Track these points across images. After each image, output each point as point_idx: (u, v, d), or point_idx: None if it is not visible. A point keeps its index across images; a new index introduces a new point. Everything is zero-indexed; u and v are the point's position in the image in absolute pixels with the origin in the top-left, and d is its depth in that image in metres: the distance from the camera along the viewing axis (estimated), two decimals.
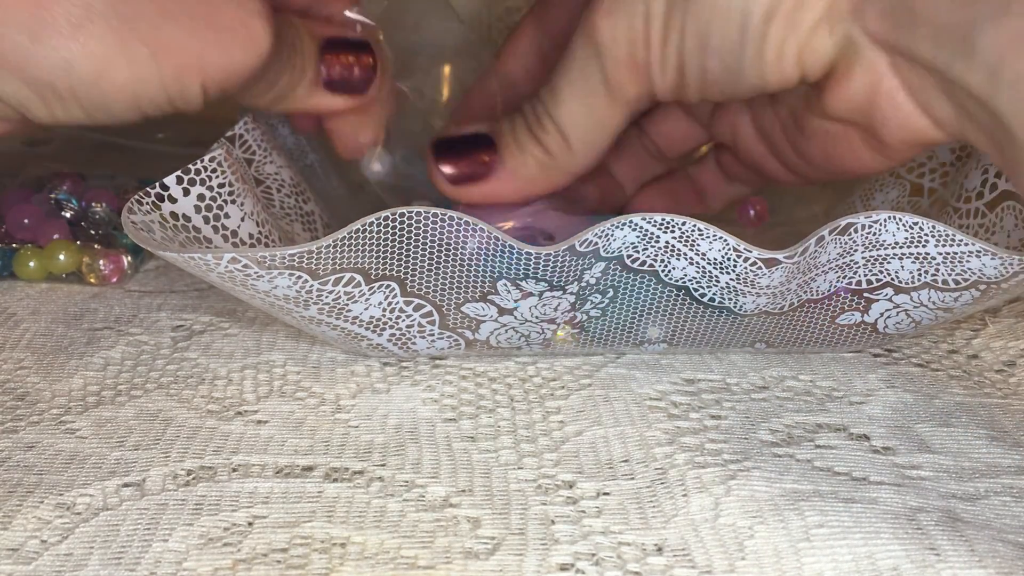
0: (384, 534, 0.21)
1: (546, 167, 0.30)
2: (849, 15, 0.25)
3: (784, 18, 0.25)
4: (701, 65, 0.27)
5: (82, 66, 0.24)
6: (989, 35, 0.22)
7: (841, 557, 0.21)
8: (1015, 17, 0.22)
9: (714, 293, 0.27)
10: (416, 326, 0.27)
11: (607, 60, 0.28)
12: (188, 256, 0.24)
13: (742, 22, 0.26)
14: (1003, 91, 0.22)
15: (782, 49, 0.26)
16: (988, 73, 0.22)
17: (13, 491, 0.23)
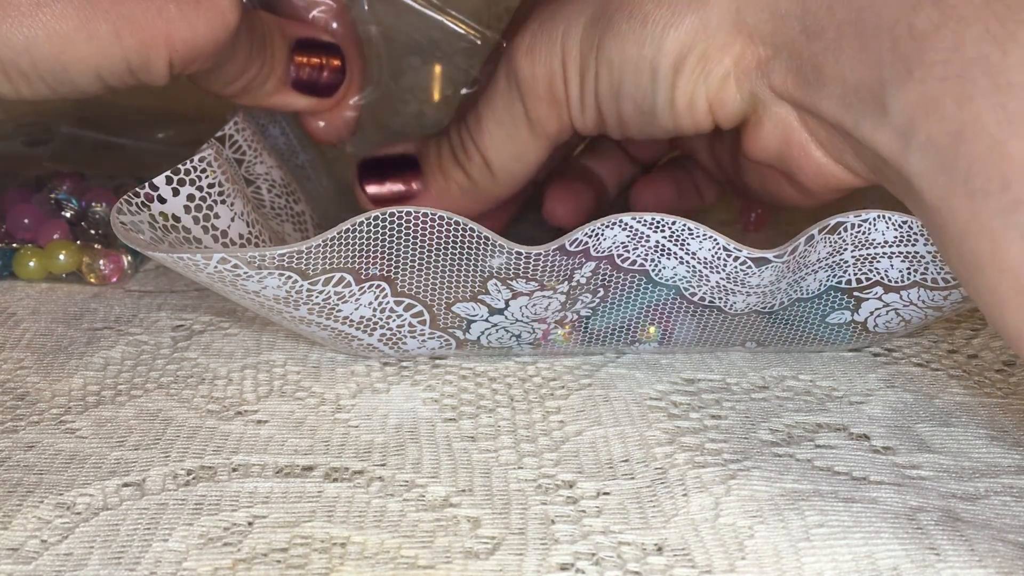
0: (384, 534, 0.21)
1: (468, 192, 0.31)
2: (755, 71, 0.25)
3: (692, 71, 0.26)
4: (617, 108, 0.28)
5: (44, 45, 0.25)
6: (898, 99, 0.22)
7: (841, 557, 0.21)
8: (917, 82, 0.21)
9: (704, 292, 0.27)
10: (407, 326, 0.27)
11: (527, 97, 0.29)
12: (177, 256, 0.24)
13: (652, 73, 0.26)
14: (912, 154, 0.22)
15: (692, 99, 0.26)
16: (898, 136, 0.22)
17: (13, 491, 0.23)
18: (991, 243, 0.20)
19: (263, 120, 0.37)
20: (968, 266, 0.21)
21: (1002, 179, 0.20)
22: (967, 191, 0.20)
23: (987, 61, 0.20)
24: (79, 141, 0.49)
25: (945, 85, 0.21)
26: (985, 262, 0.20)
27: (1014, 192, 0.20)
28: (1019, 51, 0.20)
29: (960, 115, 0.21)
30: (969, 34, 0.21)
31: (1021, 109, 0.20)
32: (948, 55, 0.21)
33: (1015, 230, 0.20)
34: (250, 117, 0.34)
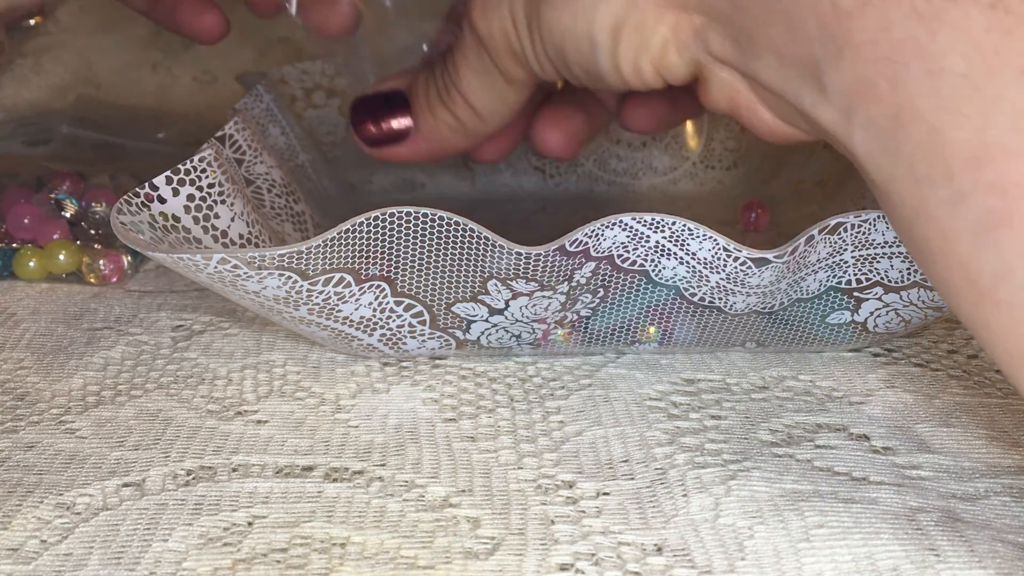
0: (384, 534, 0.21)
1: (457, 131, 0.31)
2: (693, 39, 0.25)
3: (630, 40, 0.26)
4: (568, 68, 0.27)
5: None
6: (833, 79, 0.21)
7: (841, 557, 0.21)
8: (849, 63, 0.20)
9: (704, 293, 0.27)
10: (407, 326, 0.27)
11: (491, 51, 0.29)
12: (177, 256, 0.24)
13: (590, 43, 0.26)
14: (856, 134, 0.21)
15: (636, 65, 0.26)
16: (840, 114, 0.21)
17: (13, 491, 0.23)
18: (940, 235, 0.20)
19: (263, 120, 0.37)
20: (921, 252, 0.20)
21: (945, 169, 0.19)
22: (913, 178, 0.20)
23: (916, 43, 0.19)
24: (79, 141, 0.49)
25: (877, 67, 0.20)
26: (936, 252, 0.20)
27: (958, 183, 0.19)
28: (948, 32, 0.19)
29: (896, 98, 0.20)
30: (896, 13, 0.20)
31: (956, 95, 0.19)
32: (876, 35, 0.20)
33: (962, 223, 0.19)
34: (250, 117, 0.34)
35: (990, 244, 0.19)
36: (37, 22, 0.57)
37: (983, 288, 0.19)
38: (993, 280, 0.19)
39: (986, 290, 0.19)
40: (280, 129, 0.37)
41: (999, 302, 0.19)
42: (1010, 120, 0.18)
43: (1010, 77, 0.18)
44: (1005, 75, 0.18)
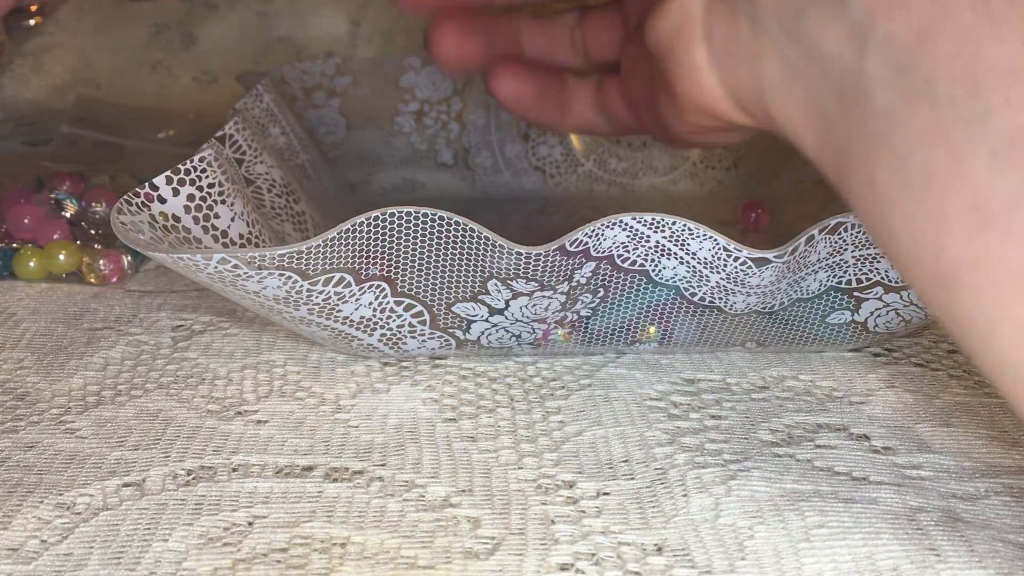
0: (384, 534, 0.21)
1: None
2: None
3: None
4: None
5: None
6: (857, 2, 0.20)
7: (841, 558, 0.21)
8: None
9: (704, 292, 0.27)
10: (407, 326, 0.27)
11: None
12: (177, 256, 0.24)
13: None
14: (868, 53, 0.20)
15: None
16: (852, 32, 0.20)
17: (13, 491, 0.23)
18: (950, 155, 0.18)
19: (263, 120, 0.37)
20: (910, 182, 0.19)
21: (971, 83, 0.18)
22: (929, 96, 0.19)
23: None
24: (79, 141, 0.49)
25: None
26: (936, 176, 0.19)
27: (983, 98, 0.18)
28: None
29: (929, 10, 0.19)
30: None
31: (1001, 8, 0.18)
32: None
33: (981, 142, 0.18)
34: (250, 117, 0.34)
35: (1010, 163, 0.18)
36: (37, 22, 0.57)
37: (992, 213, 0.18)
38: (1007, 204, 0.18)
39: (995, 215, 0.18)
40: (280, 129, 0.37)
41: (1010, 227, 0.18)
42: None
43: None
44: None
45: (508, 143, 0.46)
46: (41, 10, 0.56)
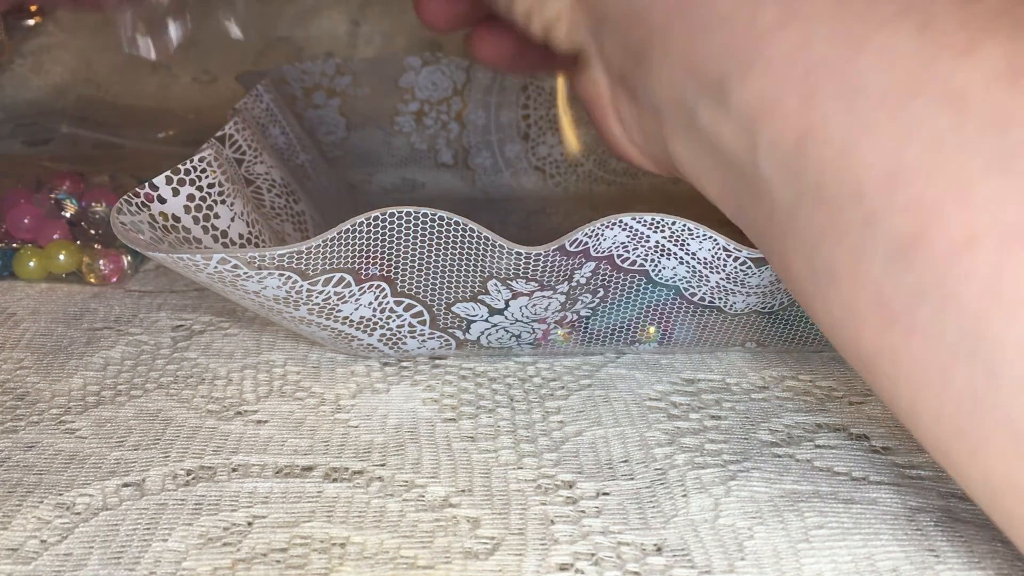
0: (384, 534, 0.21)
1: None
2: (585, 30, 0.25)
3: None
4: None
5: None
6: (738, 93, 0.20)
7: (840, 558, 0.21)
8: (758, 77, 0.20)
9: (704, 292, 0.27)
10: (407, 326, 0.27)
11: None
12: (177, 256, 0.24)
13: None
14: (760, 153, 0.20)
15: (529, 16, 0.26)
16: (743, 132, 0.20)
17: (13, 491, 0.23)
18: (850, 256, 0.19)
19: (263, 120, 0.37)
20: (825, 277, 0.19)
21: (855, 188, 0.18)
22: (820, 199, 0.19)
23: (836, 62, 0.19)
24: (79, 141, 0.49)
25: (789, 84, 0.19)
26: (844, 275, 0.19)
27: (869, 204, 0.18)
28: (872, 54, 0.18)
29: (806, 116, 0.19)
30: (819, 32, 0.19)
31: (872, 115, 0.18)
32: (793, 52, 0.19)
33: (874, 244, 0.18)
34: (250, 117, 0.34)
35: (904, 267, 0.18)
36: (37, 22, 0.57)
37: (895, 312, 0.18)
38: (907, 304, 0.18)
39: (898, 314, 0.18)
40: (280, 129, 0.37)
41: (912, 327, 0.18)
42: (926, 141, 0.17)
43: (931, 100, 0.18)
44: (926, 97, 0.18)
45: (508, 143, 0.46)
46: (41, 10, 0.56)
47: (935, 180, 0.17)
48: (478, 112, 0.46)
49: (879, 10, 0.19)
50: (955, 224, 0.17)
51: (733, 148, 0.21)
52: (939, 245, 0.17)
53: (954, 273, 0.17)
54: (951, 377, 0.17)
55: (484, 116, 0.46)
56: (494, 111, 0.46)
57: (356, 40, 0.55)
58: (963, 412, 0.17)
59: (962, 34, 0.18)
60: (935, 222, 0.17)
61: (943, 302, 0.17)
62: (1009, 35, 0.17)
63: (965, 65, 0.17)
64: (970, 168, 0.17)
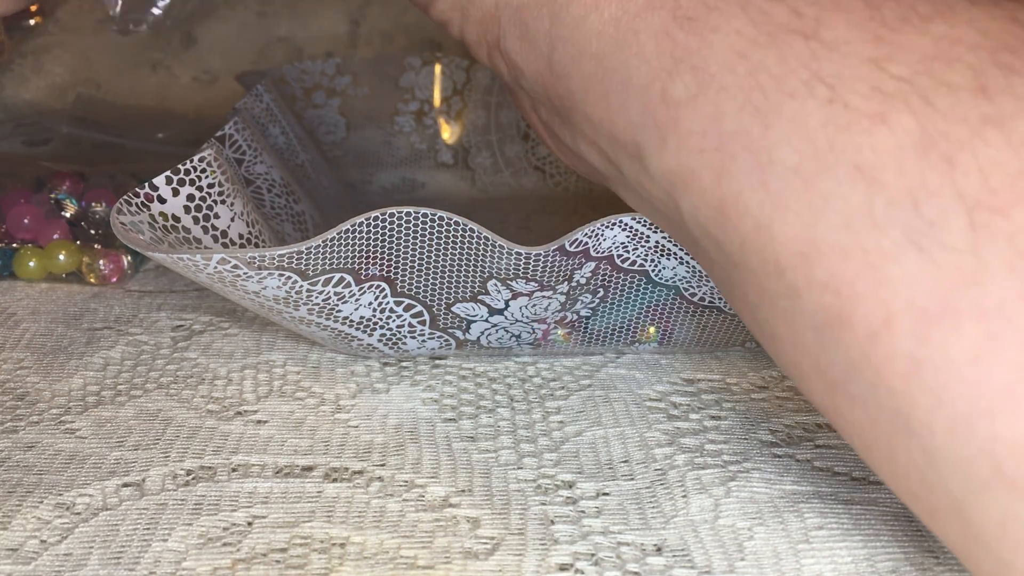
0: (384, 534, 0.21)
1: None
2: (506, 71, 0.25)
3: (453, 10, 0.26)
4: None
5: None
6: (655, 165, 0.20)
7: (840, 559, 0.21)
8: (672, 151, 0.19)
9: (704, 292, 0.27)
10: (407, 326, 0.27)
11: None
12: (177, 256, 0.24)
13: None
14: (684, 215, 0.20)
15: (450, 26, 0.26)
16: (667, 197, 0.20)
17: (13, 491, 0.23)
18: (785, 325, 0.18)
19: (263, 120, 0.37)
20: (768, 338, 0.20)
21: (776, 264, 0.18)
22: (745, 268, 0.19)
23: (748, 135, 0.18)
24: (79, 141, 0.49)
25: (702, 158, 0.19)
26: (784, 341, 0.19)
27: (790, 279, 0.18)
28: (783, 125, 0.18)
29: (720, 191, 0.19)
30: (729, 105, 0.18)
31: (785, 189, 0.18)
32: (705, 125, 0.19)
33: (802, 317, 0.18)
34: (250, 117, 0.34)
35: (832, 341, 0.17)
36: (37, 22, 0.57)
37: (833, 380, 0.18)
38: (843, 376, 0.18)
39: (836, 383, 0.18)
40: (280, 129, 0.37)
41: (852, 396, 0.18)
42: (840, 217, 0.17)
43: (843, 173, 0.17)
44: (838, 171, 0.17)
45: (508, 143, 0.46)
46: (41, 10, 0.56)
47: (848, 258, 0.17)
48: (478, 112, 0.46)
49: (789, 79, 0.18)
50: (871, 305, 0.17)
51: (663, 202, 0.21)
52: (859, 326, 0.17)
53: (876, 354, 0.17)
54: (894, 448, 0.17)
55: (484, 116, 0.46)
56: (494, 111, 0.46)
57: (356, 40, 0.55)
58: (912, 480, 0.17)
59: (872, 103, 0.17)
60: (852, 302, 0.17)
61: (873, 380, 0.17)
62: (920, 103, 0.17)
63: (874, 137, 0.17)
64: (882, 246, 0.16)
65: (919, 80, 0.17)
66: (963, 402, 0.16)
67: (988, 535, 0.16)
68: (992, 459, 0.15)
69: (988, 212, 0.16)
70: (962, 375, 0.16)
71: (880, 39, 0.17)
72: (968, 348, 0.16)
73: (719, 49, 0.19)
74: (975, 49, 0.17)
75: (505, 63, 0.25)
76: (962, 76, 0.17)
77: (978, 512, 0.16)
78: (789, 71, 0.18)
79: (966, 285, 0.16)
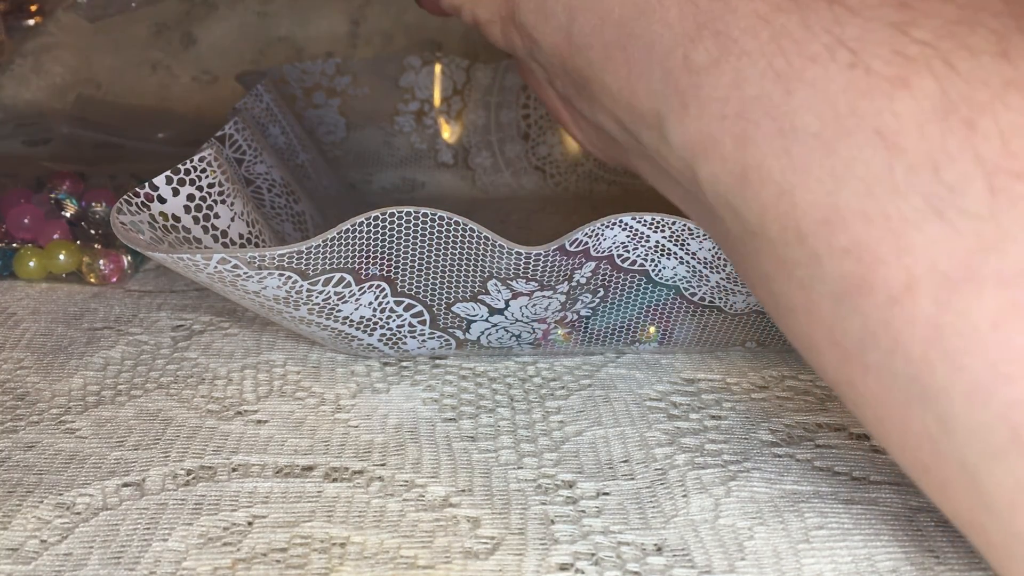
0: (384, 534, 0.21)
1: None
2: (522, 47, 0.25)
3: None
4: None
5: None
6: (676, 133, 0.20)
7: (840, 559, 0.21)
8: (694, 119, 0.19)
9: (704, 292, 0.27)
10: (407, 326, 0.27)
11: None
12: (177, 256, 0.24)
13: None
14: (705, 187, 0.20)
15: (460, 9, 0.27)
16: (686, 166, 0.20)
17: (13, 491, 0.23)
18: (800, 294, 0.18)
19: (263, 120, 0.37)
20: (781, 309, 0.19)
21: (797, 231, 0.18)
22: (764, 237, 0.19)
23: (769, 101, 0.18)
24: (79, 141, 0.49)
25: (724, 124, 0.19)
26: (798, 311, 0.19)
27: (811, 246, 0.18)
28: (805, 91, 0.18)
29: (742, 158, 0.18)
30: (752, 71, 0.18)
31: (807, 155, 0.18)
32: (727, 92, 0.19)
33: (820, 285, 0.18)
34: (250, 117, 0.34)
35: (851, 309, 0.17)
36: (37, 22, 0.57)
37: (848, 351, 0.18)
38: (858, 345, 0.18)
39: (852, 353, 0.18)
40: (280, 129, 0.37)
41: (866, 366, 0.18)
42: (862, 182, 0.17)
43: (865, 138, 0.17)
44: (860, 136, 0.17)
45: (508, 143, 0.46)
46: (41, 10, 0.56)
47: (871, 224, 0.17)
48: (478, 112, 0.46)
49: (811, 44, 0.18)
50: (893, 271, 0.17)
51: (681, 173, 0.21)
52: (880, 291, 0.17)
53: (896, 320, 0.17)
54: (907, 418, 0.17)
55: (484, 116, 0.46)
56: (494, 111, 0.46)
57: (356, 40, 0.55)
58: (923, 451, 0.17)
59: (893, 68, 0.17)
60: (874, 268, 0.17)
61: (890, 347, 0.17)
62: (942, 67, 0.17)
63: (895, 102, 0.17)
64: (903, 212, 0.16)
65: (941, 44, 0.17)
66: (983, 368, 0.16)
67: (1001, 504, 0.16)
68: (1010, 425, 0.15)
69: (1008, 177, 0.16)
70: (983, 340, 0.16)
71: (904, 4, 0.17)
72: (989, 314, 0.16)
73: (742, 14, 0.19)
74: (999, 15, 0.17)
75: (520, 37, 0.24)
76: (985, 40, 0.17)
77: (992, 480, 0.16)
78: (812, 36, 0.18)
79: (986, 251, 0.16)
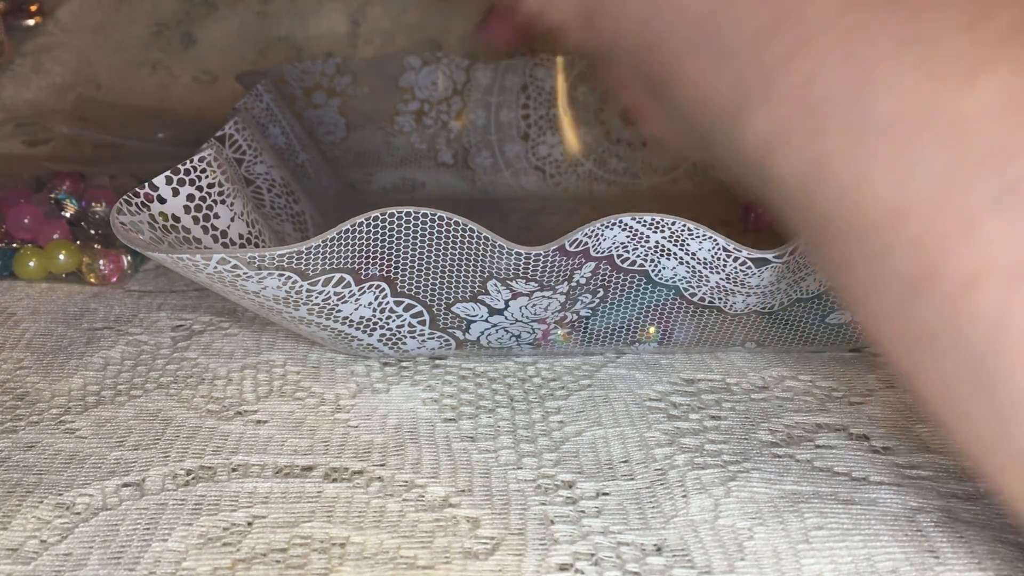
0: (383, 534, 0.21)
1: None
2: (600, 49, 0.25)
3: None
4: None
5: None
6: (752, 123, 0.20)
7: (840, 559, 0.21)
8: (773, 107, 0.20)
9: (704, 293, 0.27)
10: (406, 326, 0.27)
11: None
12: (177, 257, 0.24)
13: None
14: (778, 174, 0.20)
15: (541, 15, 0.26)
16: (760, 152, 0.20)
17: (13, 491, 0.23)
18: (869, 284, 0.19)
19: (263, 120, 0.37)
20: (851, 298, 0.20)
21: (867, 221, 0.18)
22: (833, 230, 0.19)
23: (843, 95, 0.19)
24: (79, 141, 0.49)
25: (799, 116, 0.19)
26: (862, 302, 0.19)
27: (881, 236, 0.18)
28: (877, 85, 0.18)
29: (816, 149, 0.19)
30: (828, 62, 0.19)
31: (878, 147, 0.18)
32: (804, 84, 0.19)
33: (889, 276, 0.18)
34: (250, 117, 0.34)
35: (916, 302, 0.18)
36: (37, 22, 0.57)
37: (916, 340, 0.18)
38: (922, 337, 0.18)
39: (915, 345, 0.18)
40: (280, 129, 0.37)
41: (930, 359, 0.18)
42: (933, 175, 0.17)
43: (935, 132, 0.17)
44: (930, 130, 0.17)
45: (508, 143, 0.46)
46: (41, 10, 0.56)
47: (939, 216, 0.17)
48: (478, 112, 0.46)
49: (883, 40, 0.18)
50: (959, 262, 0.17)
51: (757, 168, 0.21)
52: (946, 283, 0.17)
53: (961, 312, 0.17)
54: (971, 408, 0.18)
55: (484, 116, 0.46)
56: (494, 111, 0.46)
57: (356, 40, 0.55)
58: (988, 437, 0.18)
59: (963, 64, 0.17)
60: (941, 259, 0.17)
61: (955, 339, 0.17)
62: (1011, 64, 0.17)
63: (965, 97, 0.17)
64: (972, 204, 0.17)
65: (1011, 40, 0.17)
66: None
67: None
68: None
69: None
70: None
71: (973, 1, 0.18)
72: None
73: (820, 7, 0.19)
74: None
75: (600, 37, 0.25)
76: None
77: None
78: (885, 31, 0.18)
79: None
